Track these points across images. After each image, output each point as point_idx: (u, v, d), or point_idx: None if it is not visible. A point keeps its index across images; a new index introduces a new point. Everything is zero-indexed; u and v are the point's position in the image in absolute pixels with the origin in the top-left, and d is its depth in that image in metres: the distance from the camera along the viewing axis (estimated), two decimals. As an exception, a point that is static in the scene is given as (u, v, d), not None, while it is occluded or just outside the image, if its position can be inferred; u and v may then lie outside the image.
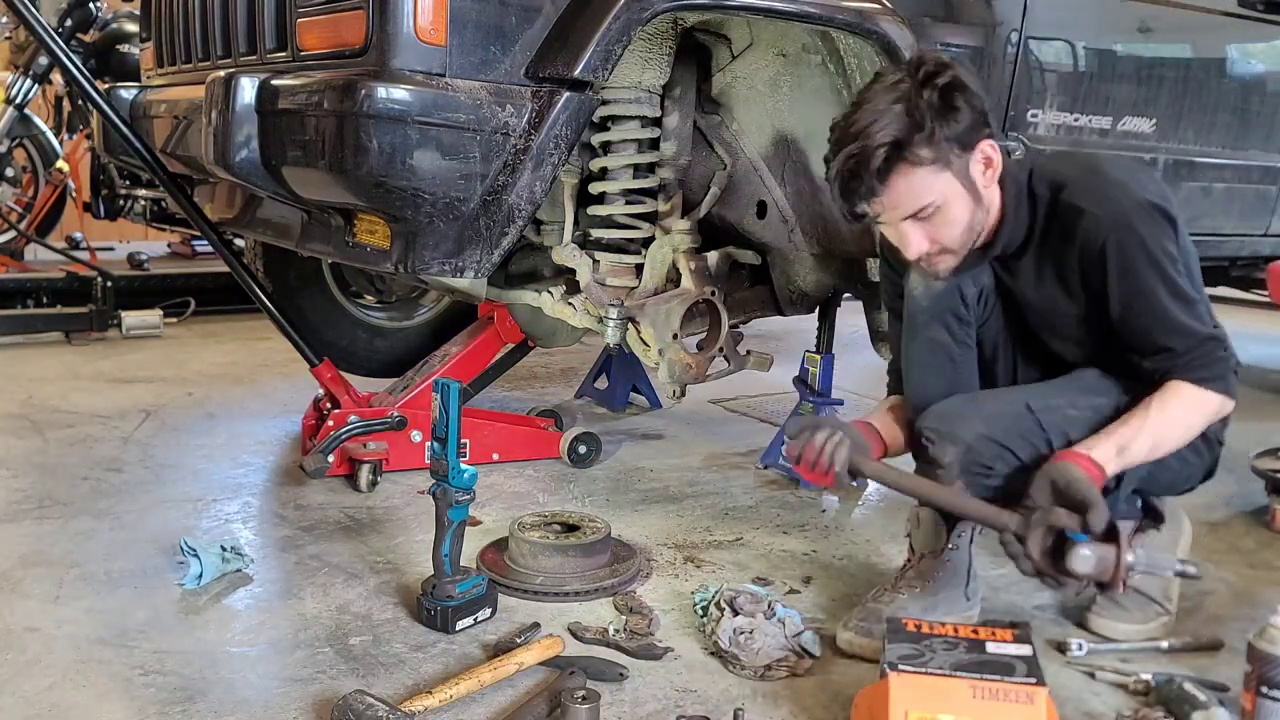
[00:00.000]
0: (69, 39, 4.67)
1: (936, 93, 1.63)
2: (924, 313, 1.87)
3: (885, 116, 1.61)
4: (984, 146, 1.70)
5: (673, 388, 2.32)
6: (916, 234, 1.71)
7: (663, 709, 1.60)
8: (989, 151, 1.71)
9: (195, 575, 1.98)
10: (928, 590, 1.91)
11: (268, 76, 1.93)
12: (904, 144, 1.61)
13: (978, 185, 1.71)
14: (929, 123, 1.61)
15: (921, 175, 1.64)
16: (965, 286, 1.83)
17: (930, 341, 1.87)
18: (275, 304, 2.66)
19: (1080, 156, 1.84)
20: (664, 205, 2.36)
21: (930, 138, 1.62)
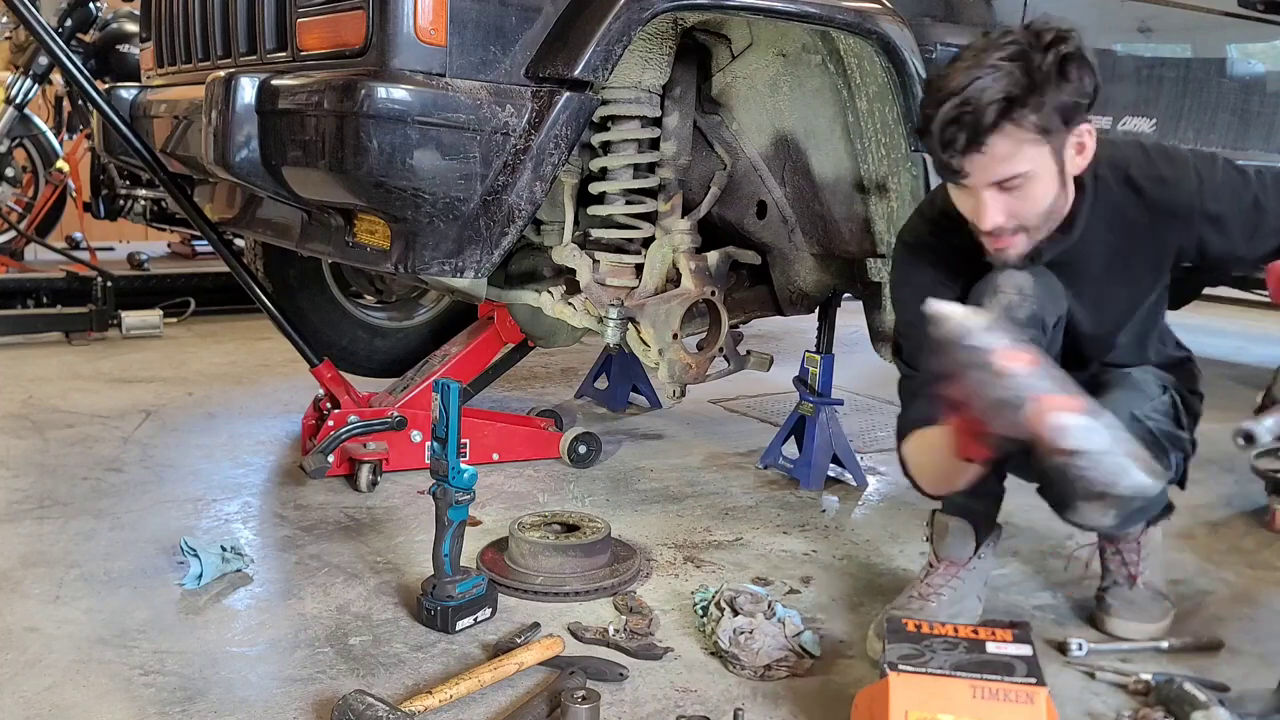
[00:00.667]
0: (69, 39, 4.67)
1: (1055, 62, 1.54)
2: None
3: (999, 71, 1.52)
4: (1084, 129, 1.61)
5: (673, 388, 2.32)
6: (997, 205, 1.60)
7: (663, 709, 1.60)
8: (1086, 137, 1.62)
9: (195, 575, 1.98)
10: (955, 597, 1.90)
11: (268, 76, 1.93)
12: (1015, 102, 1.53)
13: (1067, 167, 1.63)
14: (1045, 87, 1.53)
15: (1023, 141, 1.56)
16: (1047, 317, 1.69)
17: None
18: (275, 304, 2.66)
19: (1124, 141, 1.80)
20: (664, 205, 2.36)
21: (1042, 104, 1.54)
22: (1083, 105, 1.58)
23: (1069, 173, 1.63)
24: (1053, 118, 1.55)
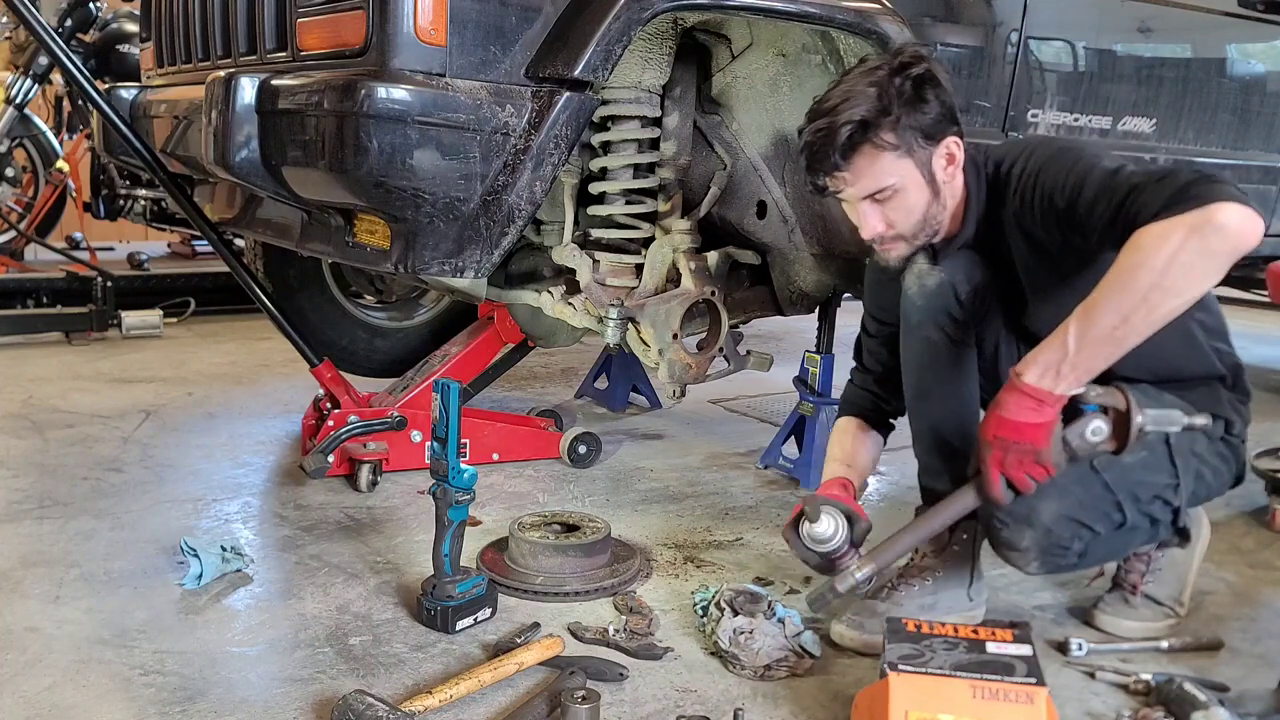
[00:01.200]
0: (69, 39, 4.67)
1: (909, 82, 1.68)
2: (919, 312, 1.84)
3: (857, 97, 1.67)
4: (949, 143, 1.73)
5: (673, 388, 2.32)
6: (874, 215, 1.75)
7: (663, 709, 1.60)
8: (953, 149, 1.74)
9: (195, 575, 1.98)
10: (927, 589, 1.92)
11: (268, 76, 1.93)
12: (870, 125, 1.67)
13: (937, 178, 1.74)
14: (896, 109, 1.67)
15: (883, 158, 1.69)
16: (959, 284, 1.80)
17: (925, 340, 1.85)
18: (275, 304, 2.66)
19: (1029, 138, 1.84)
20: (664, 205, 2.36)
21: (896, 123, 1.67)
22: (944, 120, 1.72)
23: (941, 181, 1.74)
24: (910, 135, 1.69)
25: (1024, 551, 1.72)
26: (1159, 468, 1.74)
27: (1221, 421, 1.81)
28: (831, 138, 1.68)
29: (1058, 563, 1.74)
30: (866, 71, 1.71)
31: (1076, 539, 1.72)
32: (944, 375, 1.86)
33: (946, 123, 1.72)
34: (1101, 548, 1.78)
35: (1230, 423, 1.83)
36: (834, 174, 1.72)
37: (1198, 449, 1.78)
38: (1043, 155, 1.72)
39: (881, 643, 1.53)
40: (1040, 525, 1.69)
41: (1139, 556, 1.95)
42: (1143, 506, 1.74)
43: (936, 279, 1.81)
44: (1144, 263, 1.44)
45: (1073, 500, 1.69)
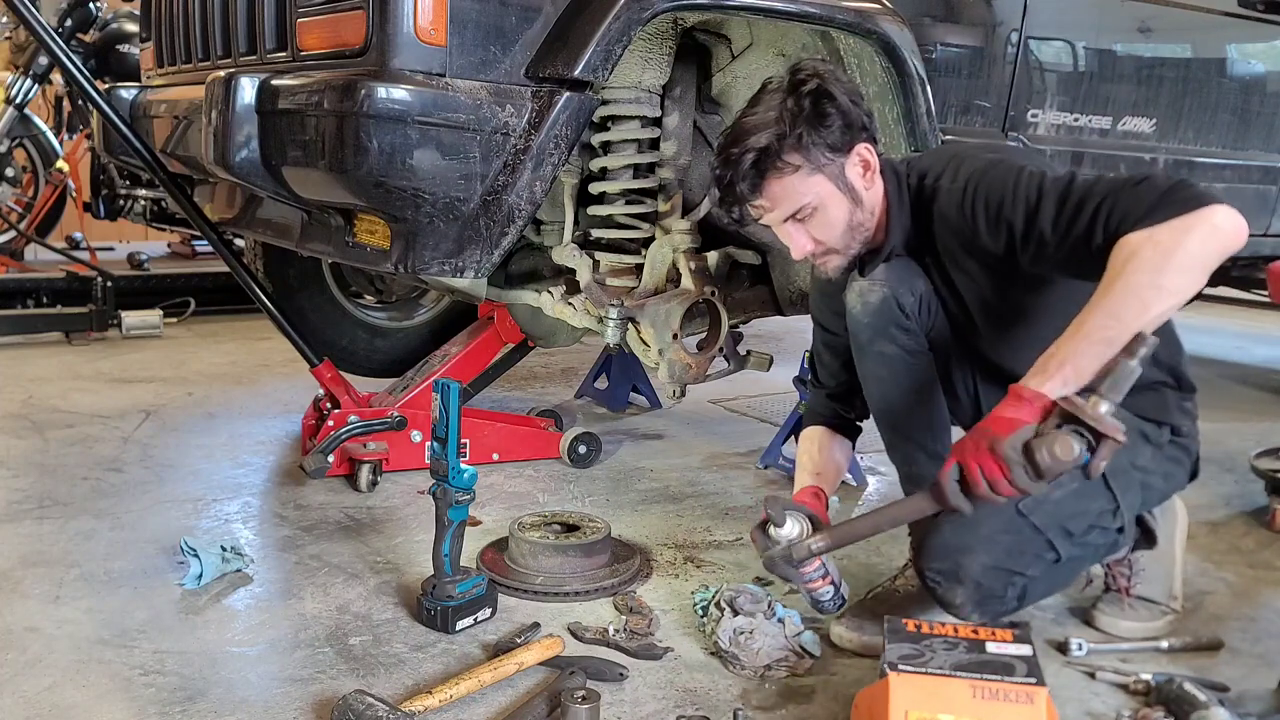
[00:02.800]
0: (69, 39, 4.67)
1: (806, 100, 1.67)
2: (866, 329, 1.82)
3: (756, 125, 1.68)
4: (859, 150, 1.72)
5: (673, 388, 2.32)
6: (799, 234, 1.75)
7: (663, 709, 1.60)
8: (865, 154, 1.72)
9: (195, 575, 1.98)
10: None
11: (268, 76, 1.93)
12: (771, 150, 1.67)
13: (855, 187, 1.73)
14: (795, 129, 1.66)
15: (793, 179, 1.69)
16: (901, 295, 1.78)
17: (879, 355, 1.82)
18: (275, 304, 2.66)
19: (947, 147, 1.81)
20: (664, 205, 2.36)
21: (798, 143, 1.67)
22: (850, 130, 1.70)
23: (860, 188, 1.73)
24: (815, 151, 1.68)
25: (960, 606, 1.72)
26: (1092, 495, 1.70)
27: (1167, 428, 1.80)
28: (738, 169, 1.69)
29: (997, 609, 1.72)
30: (767, 94, 1.71)
31: (1010, 586, 1.71)
32: (905, 385, 1.84)
33: (853, 131, 1.70)
34: (1043, 584, 1.77)
35: (1176, 427, 1.81)
36: (749, 204, 1.73)
37: (1140, 462, 1.76)
38: (973, 168, 1.68)
39: (881, 644, 1.53)
40: (970, 580, 1.68)
41: (1119, 563, 1.95)
42: (1078, 540, 1.72)
43: (879, 294, 1.78)
44: (1140, 265, 1.42)
45: (1000, 550, 1.68)
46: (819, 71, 1.70)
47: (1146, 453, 1.77)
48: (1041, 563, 1.71)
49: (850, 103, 1.69)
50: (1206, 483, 2.51)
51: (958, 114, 2.49)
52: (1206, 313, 5.92)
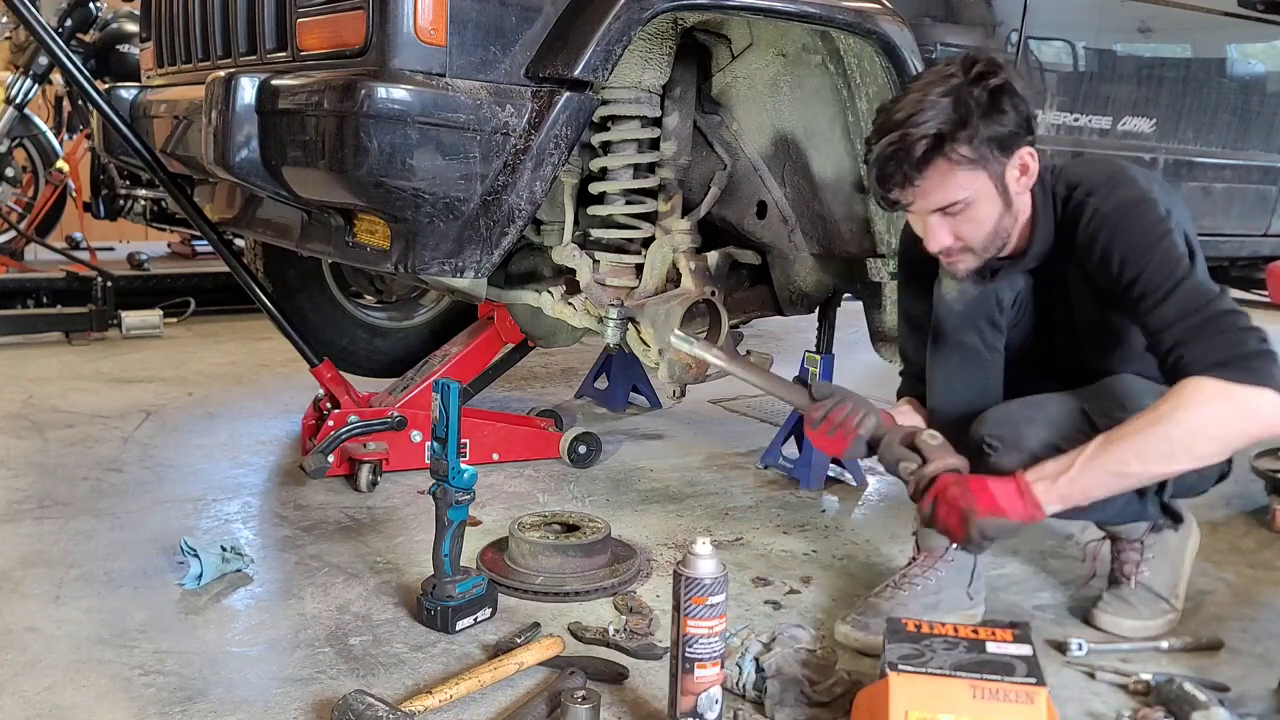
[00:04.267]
0: (69, 39, 4.67)
1: (986, 92, 1.61)
2: (956, 317, 1.83)
3: (931, 108, 1.61)
4: (1024, 153, 1.68)
5: (673, 388, 2.32)
6: (942, 228, 1.69)
7: (662, 709, 1.60)
8: (1027, 160, 1.68)
9: (195, 575, 1.98)
10: (930, 589, 1.92)
11: (268, 76, 1.93)
12: (945, 137, 1.61)
13: (1010, 191, 1.69)
14: (974, 121, 1.61)
15: (957, 171, 1.64)
16: (1002, 292, 1.80)
17: (961, 346, 1.84)
18: (275, 304, 2.66)
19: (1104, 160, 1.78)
20: (664, 205, 2.36)
21: (973, 136, 1.61)
22: (1019, 133, 1.65)
23: (1014, 192, 1.69)
24: (986, 147, 1.63)
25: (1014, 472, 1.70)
26: None
27: None
28: (905, 151, 1.61)
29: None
30: (940, 79, 1.63)
31: None
32: (973, 379, 1.85)
33: (1023, 133, 1.66)
34: None
35: None
36: (905, 187, 1.66)
37: None
38: (1120, 201, 1.66)
39: (882, 643, 1.53)
40: (1027, 449, 1.69)
41: (1132, 545, 1.95)
42: None
43: (982, 285, 1.78)
44: (1181, 419, 1.51)
45: (1060, 433, 1.69)
46: (1002, 65, 1.64)
47: None
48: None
49: (1026, 103, 1.65)
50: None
51: (958, 114, 2.49)
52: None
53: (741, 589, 2.06)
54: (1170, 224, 1.63)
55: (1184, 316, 1.57)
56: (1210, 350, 1.52)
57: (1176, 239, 1.62)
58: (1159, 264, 1.60)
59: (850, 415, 1.77)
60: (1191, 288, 1.58)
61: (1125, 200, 1.66)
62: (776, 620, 1.92)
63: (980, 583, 1.97)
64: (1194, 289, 1.58)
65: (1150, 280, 1.60)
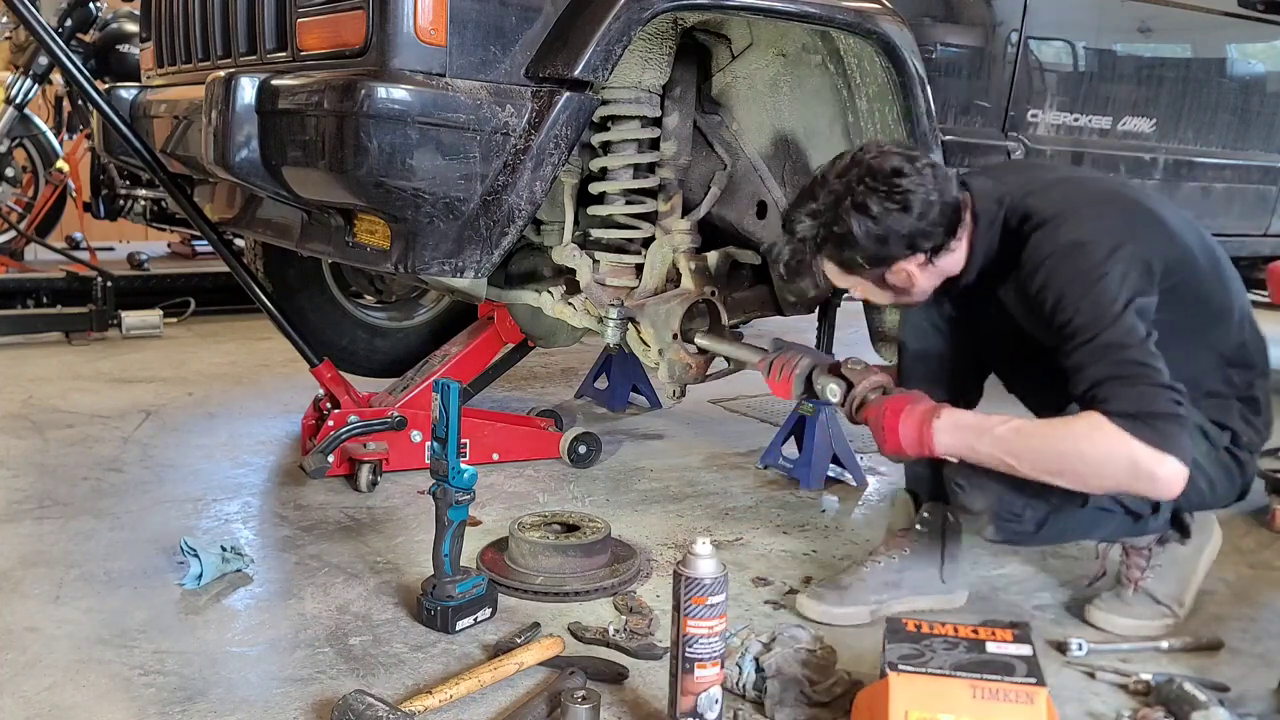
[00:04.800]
0: (69, 39, 4.67)
1: (839, 217, 1.69)
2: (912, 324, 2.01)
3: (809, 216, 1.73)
4: (899, 266, 1.74)
5: (673, 388, 2.32)
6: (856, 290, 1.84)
7: (662, 709, 1.60)
8: (907, 268, 1.74)
9: (195, 575, 1.98)
10: (893, 567, 1.97)
11: (268, 76, 1.93)
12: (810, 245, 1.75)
13: (898, 286, 1.78)
14: (826, 241, 1.72)
15: (830, 268, 1.79)
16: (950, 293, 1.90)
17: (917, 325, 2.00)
18: (275, 304, 2.66)
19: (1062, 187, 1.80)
20: (664, 205, 2.36)
21: (833, 255, 1.74)
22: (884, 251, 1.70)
23: (903, 286, 1.78)
24: (847, 260, 1.73)
25: (978, 515, 1.76)
26: None
27: (1229, 432, 1.84)
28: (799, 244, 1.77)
29: (1013, 529, 1.77)
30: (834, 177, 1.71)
31: (1030, 509, 1.73)
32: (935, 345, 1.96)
33: (891, 249, 1.70)
34: (1062, 523, 1.77)
35: (1237, 434, 1.85)
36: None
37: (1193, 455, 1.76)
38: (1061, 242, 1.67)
39: (882, 643, 1.53)
40: (992, 491, 1.72)
41: (1139, 552, 1.95)
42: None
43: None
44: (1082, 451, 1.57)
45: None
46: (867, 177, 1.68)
47: (1202, 448, 1.79)
48: (1064, 498, 1.70)
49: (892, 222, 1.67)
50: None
51: (958, 114, 2.50)
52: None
53: (741, 589, 2.06)
54: (1106, 268, 1.64)
55: (1100, 362, 1.60)
56: (1123, 401, 1.56)
57: (1110, 284, 1.63)
58: (1088, 309, 1.63)
59: (789, 360, 1.95)
60: (1112, 338, 1.61)
61: (1067, 242, 1.68)
62: (776, 620, 1.92)
63: (956, 567, 2.00)
64: (1115, 339, 1.60)
65: (1077, 324, 1.63)
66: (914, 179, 1.68)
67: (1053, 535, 1.83)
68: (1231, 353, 1.84)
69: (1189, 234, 1.81)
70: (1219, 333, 1.82)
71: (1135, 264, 1.66)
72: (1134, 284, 1.64)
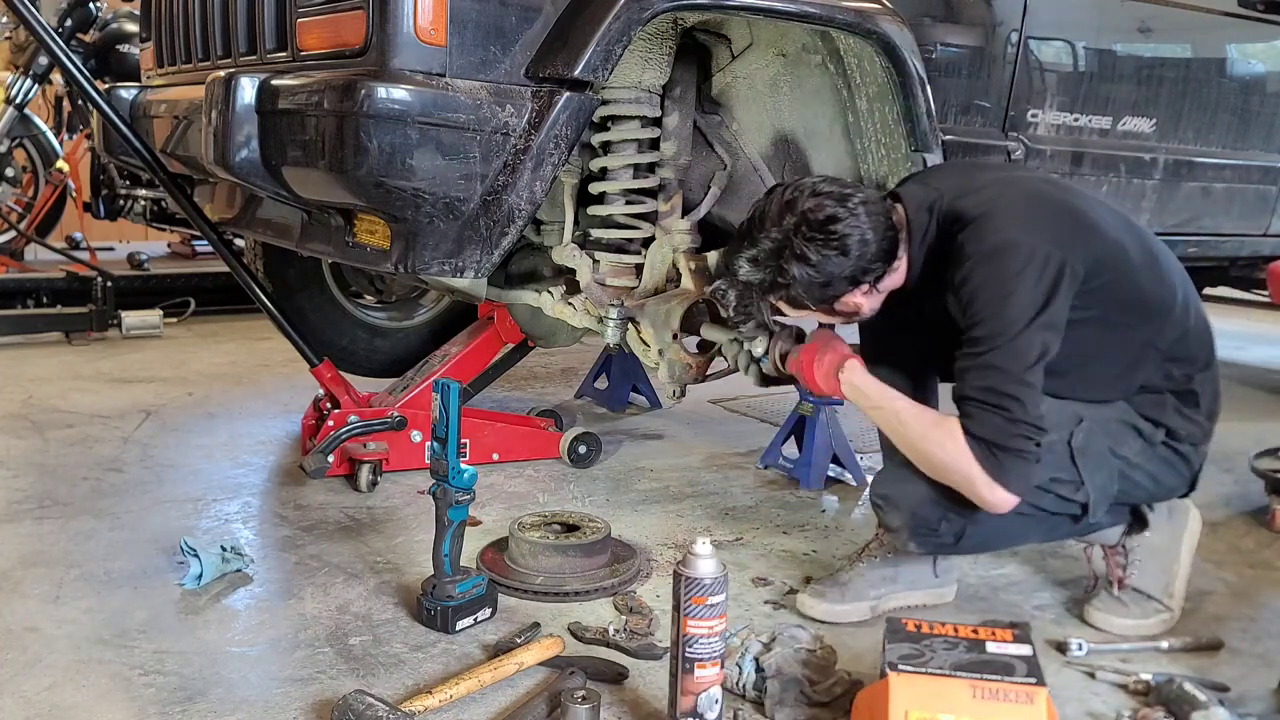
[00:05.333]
0: (69, 39, 4.67)
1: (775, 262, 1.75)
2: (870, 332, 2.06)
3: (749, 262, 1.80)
4: (845, 299, 1.79)
5: (673, 388, 2.32)
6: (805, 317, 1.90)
7: (662, 709, 1.60)
8: (854, 299, 1.80)
9: (195, 575, 1.98)
10: (889, 561, 1.99)
11: (268, 76, 1.93)
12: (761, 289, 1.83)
13: (846, 313, 1.84)
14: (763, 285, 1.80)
15: (781, 305, 1.85)
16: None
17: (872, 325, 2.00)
18: (275, 304, 2.66)
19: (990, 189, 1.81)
20: (664, 205, 2.36)
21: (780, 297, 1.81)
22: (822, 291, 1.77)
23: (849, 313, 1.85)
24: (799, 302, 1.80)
25: (897, 531, 1.85)
26: (1052, 464, 1.76)
27: (1163, 429, 1.86)
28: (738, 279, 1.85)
29: (933, 542, 1.84)
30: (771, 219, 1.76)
31: (945, 522, 1.79)
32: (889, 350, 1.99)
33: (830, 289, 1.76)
34: (984, 531, 1.81)
35: (1173, 430, 1.86)
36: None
37: (1123, 451, 1.83)
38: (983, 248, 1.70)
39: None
40: (906, 508, 1.81)
41: (1114, 550, 1.97)
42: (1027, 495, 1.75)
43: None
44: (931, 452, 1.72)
45: (940, 486, 1.76)
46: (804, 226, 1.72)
47: (1135, 446, 1.85)
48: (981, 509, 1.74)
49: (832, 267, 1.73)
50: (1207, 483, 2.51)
51: (958, 114, 2.50)
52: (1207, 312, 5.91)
53: (741, 589, 2.06)
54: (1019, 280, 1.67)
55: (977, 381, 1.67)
56: (979, 426, 1.66)
57: (1018, 300, 1.66)
58: (990, 322, 1.67)
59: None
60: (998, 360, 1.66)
61: (988, 246, 1.71)
62: (776, 620, 1.93)
63: (950, 562, 2.02)
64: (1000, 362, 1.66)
65: (975, 334, 1.69)
66: (849, 222, 1.73)
67: (976, 544, 1.90)
68: (1169, 347, 1.85)
69: (1123, 232, 1.83)
70: (1154, 328, 1.83)
71: (1051, 269, 1.68)
72: (1045, 291, 1.67)
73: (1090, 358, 1.83)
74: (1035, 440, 1.66)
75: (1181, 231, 3.12)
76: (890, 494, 1.85)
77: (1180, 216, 3.07)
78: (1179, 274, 1.91)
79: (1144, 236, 1.89)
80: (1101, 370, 1.85)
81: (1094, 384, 1.86)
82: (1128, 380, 1.87)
